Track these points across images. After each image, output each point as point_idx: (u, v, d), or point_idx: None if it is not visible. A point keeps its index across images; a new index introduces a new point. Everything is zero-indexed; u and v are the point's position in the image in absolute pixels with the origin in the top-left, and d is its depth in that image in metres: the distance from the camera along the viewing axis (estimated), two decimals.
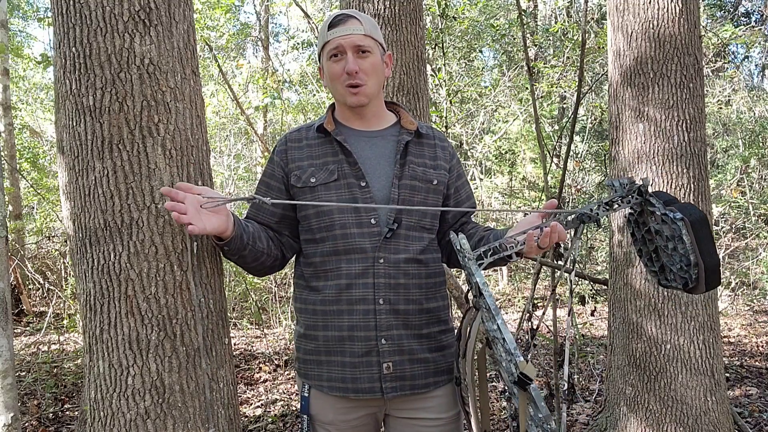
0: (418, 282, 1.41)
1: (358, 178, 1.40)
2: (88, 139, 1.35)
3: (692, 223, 1.22)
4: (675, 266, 1.28)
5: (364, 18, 1.42)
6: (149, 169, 1.35)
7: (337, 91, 1.43)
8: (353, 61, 1.38)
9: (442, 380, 1.43)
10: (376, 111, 1.49)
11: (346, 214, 1.38)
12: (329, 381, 1.39)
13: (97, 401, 1.37)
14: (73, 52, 1.36)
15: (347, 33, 1.38)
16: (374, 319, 1.36)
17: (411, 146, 1.46)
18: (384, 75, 1.46)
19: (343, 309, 1.37)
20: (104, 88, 1.34)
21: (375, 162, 1.43)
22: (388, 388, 1.36)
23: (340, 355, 1.38)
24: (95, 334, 1.37)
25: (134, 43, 1.35)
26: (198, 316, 1.40)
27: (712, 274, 1.24)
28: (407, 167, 1.43)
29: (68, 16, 1.36)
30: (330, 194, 1.39)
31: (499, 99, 9.21)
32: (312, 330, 1.42)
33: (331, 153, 1.43)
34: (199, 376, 1.38)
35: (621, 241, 2.85)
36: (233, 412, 1.49)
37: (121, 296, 1.33)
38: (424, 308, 1.42)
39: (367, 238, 1.37)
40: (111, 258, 1.34)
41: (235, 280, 6.84)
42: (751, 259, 7.15)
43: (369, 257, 1.37)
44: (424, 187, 1.44)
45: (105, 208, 1.34)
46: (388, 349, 1.36)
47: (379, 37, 1.45)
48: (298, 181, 1.42)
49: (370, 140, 1.46)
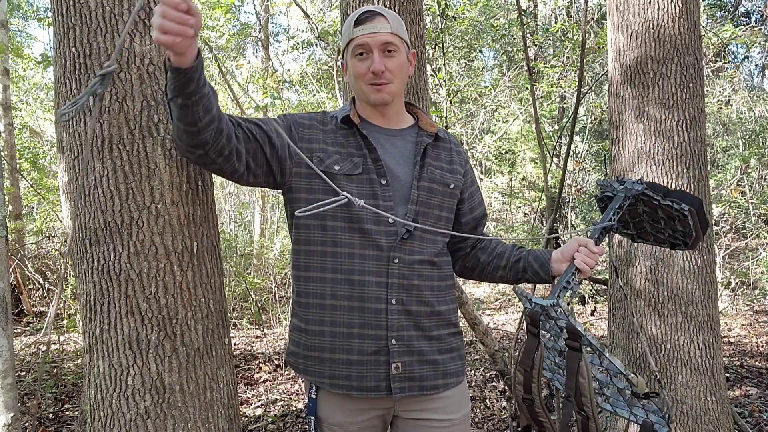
0: (431, 284, 1.40)
1: (379, 175, 1.38)
2: (88, 139, 1.35)
3: (696, 211, 1.41)
4: (662, 235, 1.51)
5: (390, 15, 1.39)
6: (149, 169, 1.35)
7: (360, 89, 1.42)
8: (379, 61, 1.36)
9: (451, 382, 1.42)
10: (398, 110, 1.48)
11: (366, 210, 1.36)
12: (331, 378, 1.36)
13: (97, 401, 1.37)
14: (73, 52, 1.36)
15: (374, 31, 1.36)
16: (386, 318, 1.34)
17: (429, 149, 1.46)
18: (408, 74, 1.46)
19: (354, 306, 1.34)
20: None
21: (394, 161, 1.42)
22: (396, 388, 1.34)
23: (347, 352, 1.34)
24: (95, 334, 1.37)
25: (134, 43, 1.35)
26: (198, 316, 1.40)
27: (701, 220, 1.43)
28: (426, 169, 1.43)
29: (68, 16, 1.36)
30: (351, 186, 1.36)
31: (499, 99, 9.20)
32: (317, 325, 1.37)
33: (356, 146, 1.40)
34: (199, 376, 1.38)
35: (621, 241, 2.85)
36: (233, 412, 1.49)
37: (121, 296, 1.33)
38: (435, 311, 1.41)
39: (383, 236, 1.35)
40: (111, 258, 1.34)
41: (235, 280, 6.84)
42: (751, 259, 7.14)
43: (384, 256, 1.35)
44: (441, 190, 1.44)
45: (105, 208, 1.34)
46: (398, 349, 1.35)
47: (405, 35, 1.43)
48: (320, 164, 1.36)
49: (390, 139, 1.45)
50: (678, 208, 1.41)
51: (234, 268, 6.74)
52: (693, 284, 2.62)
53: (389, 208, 1.36)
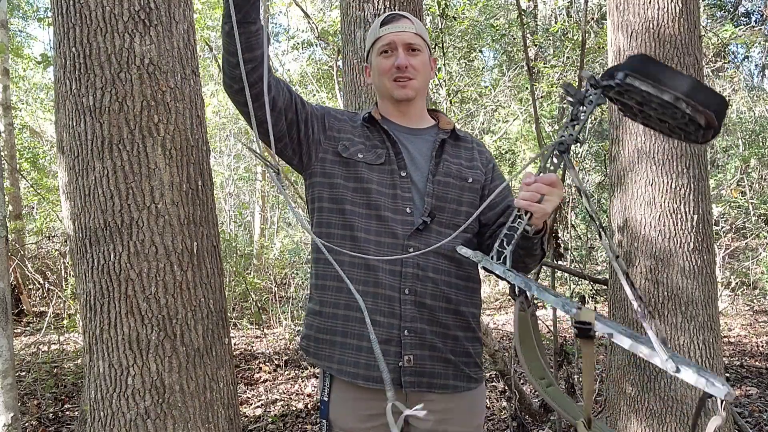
0: (448, 280, 1.38)
1: (399, 168, 1.41)
2: (88, 139, 1.35)
3: (635, 71, 1.05)
4: (666, 124, 1.13)
5: (414, 19, 1.46)
6: (149, 169, 1.35)
7: (383, 86, 1.45)
8: (404, 56, 1.41)
9: (462, 386, 1.40)
10: (419, 110, 1.51)
11: (384, 197, 1.38)
12: (340, 364, 1.35)
13: (97, 401, 1.37)
14: (73, 52, 1.36)
15: (399, 30, 1.42)
16: (399, 307, 1.33)
17: (447, 146, 1.48)
18: (430, 75, 1.50)
19: (368, 291, 1.34)
20: (104, 88, 1.34)
21: (413, 157, 1.45)
22: (407, 382, 1.33)
23: (357, 338, 1.34)
24: (95, 334, 1.37)
25: (134, 43, 1.35)
26: (198, 316, 1.40)
27: (699, 93, 1.03)
28: (442, 164, 1.45)
29: (68, 16, 1.36)
30: (372, 175, 1.39)
31: (499, 99, 9.21)
32: (331, 308, 1.37)
33: (379, 140, 1.44)
34: (199, 376, 1.38)
35: (621, 241, 2.85)
36: (233, 412, 1.49)
37: (121, 296, 1.33)
38: (453, 308, 1.39)
39: (399, 224, 1.36)
40: (111, 258, 1.34)
41: (235, 280, 6.84)
42: (751, 259, 7.15)
43: (399, 244, 1.35)
44: (458, 184, 1.44)
45: (105, 208, 1.34)
46: (410, 341, 1.33)
47: (428, 39, 1.49)
48: (345, 151, 1.41)
49: (410, 137, 1.48)
50: (622, 82, 1.06)
51: (234, 268, 6.74)
52: (693, 284, 2.62)
53: (407, 199, 1.39)
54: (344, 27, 2.62)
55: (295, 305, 6.42)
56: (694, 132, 1.10)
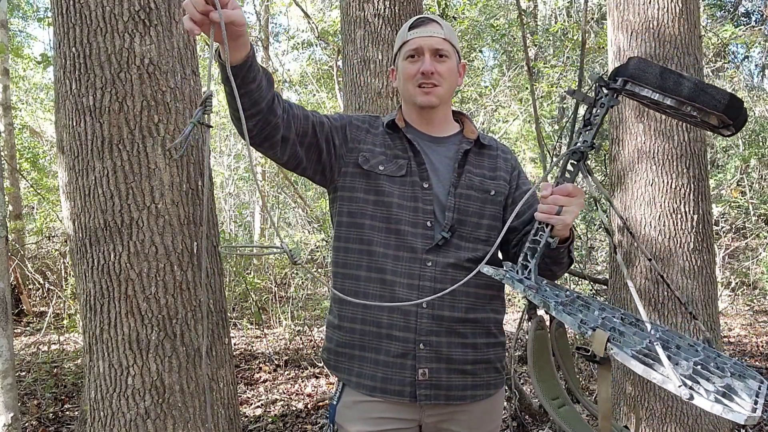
0: (467, 290, 1.35)
1: (422, 179, 1.39)
2: (88, 139, 1.35)
3: (633, 77, 1.06)
4: (694, 120, 1.12)
5: (444, 23, 1.42)
6: (149, 169, 1.35)
7: (408, 91, 1.42)
8: (430, 62, 1.37)
9: (480, 394, 1.39)
10: (443, 117, 1.48)
11: (405, 210, 1.36)
12: (358, 377, 1.36)
13: (97, 401, 1.37)
14: (73, 52, 1.36)
15: (428, 34, 1.38)
16: (415, 321, 1.33)
17: (471, 156, 1.45)
18: (457, 83, 1.46)
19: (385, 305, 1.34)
20: (104, 88, 1.34)
21: (435, 168, 1.42)
22: (422, 395, 1.33)
23: (375, 352, 1.34)
24: (95, 334, 1.37)
25: (134, 43, 1.35)
26: (198, 316, 1.40)
27: (704, 94, 1.04)
28: (464, 176, 1.42)
29: (68, 16, 1.36)
30: (393, 187, 1.37)
31: (499, 99, 9.20)
32: (349, 322, 1.38)
33: (401, 149, 1.42)
34: (199, 376, 1.38)
35: (621, 241, 2.85)
36: (233, 412, 1.49)
37: (121, 296, 1.33)
38: (472, 317, 1.37)
39: (419, 239, 1.35)
40: (111, 258, 1.34)
41: (235, 280, 6.83)
42: (751, 259, 7.14)
43: (417, 258, 1.34)
44: (480, 197, 1.41)
45: (105, 208, 1.34)
46: (425, 354, 1.33)
47: (457, 44, 1.45)
48: (365, 163, 1.39)
49: (433, 145, 1.45)
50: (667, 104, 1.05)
51: (234, 268, 6.73)
52: (693, 284, 2.62)
53: (428, 212, 1.37)
54: (344, 27, 2.62)
55: (295, 305, 6.42)
56: (718, 127, 1.09)
